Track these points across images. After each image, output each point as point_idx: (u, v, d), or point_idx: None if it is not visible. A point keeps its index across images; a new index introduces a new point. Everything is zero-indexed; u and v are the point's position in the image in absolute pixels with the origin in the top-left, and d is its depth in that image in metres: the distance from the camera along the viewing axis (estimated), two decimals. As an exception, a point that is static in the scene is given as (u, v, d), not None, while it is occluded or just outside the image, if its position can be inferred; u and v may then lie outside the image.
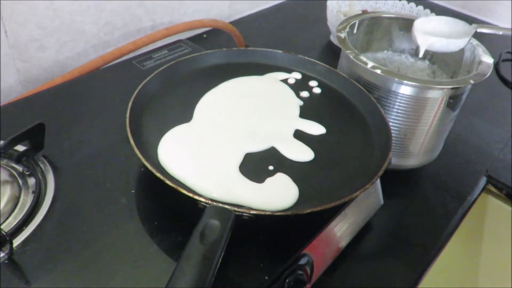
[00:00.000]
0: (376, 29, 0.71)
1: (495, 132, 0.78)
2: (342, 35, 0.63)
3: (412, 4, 0.91)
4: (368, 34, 0.71)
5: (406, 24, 0.70)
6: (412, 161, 0.63)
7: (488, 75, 0.56)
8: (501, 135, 0.77)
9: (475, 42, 0.64)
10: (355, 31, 0.68)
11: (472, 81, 0.55)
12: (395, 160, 0.62)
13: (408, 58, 0.71)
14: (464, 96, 0.59)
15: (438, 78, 0.68)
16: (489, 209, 0.73)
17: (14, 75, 0.70)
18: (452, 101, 0.58)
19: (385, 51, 0.73)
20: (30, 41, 0.70)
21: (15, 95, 0.71)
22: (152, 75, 0.58)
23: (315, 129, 0.56)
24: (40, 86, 0.69)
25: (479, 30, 0.60)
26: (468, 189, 0.66)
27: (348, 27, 0.65)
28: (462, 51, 0.64)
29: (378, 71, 0.56)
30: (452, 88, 0.56)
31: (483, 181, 0.68)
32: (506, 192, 0.69)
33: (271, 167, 0.50)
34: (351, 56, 0.59)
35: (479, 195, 0.67)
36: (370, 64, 0.57)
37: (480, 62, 0.59)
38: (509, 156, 0.73)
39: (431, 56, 0.70)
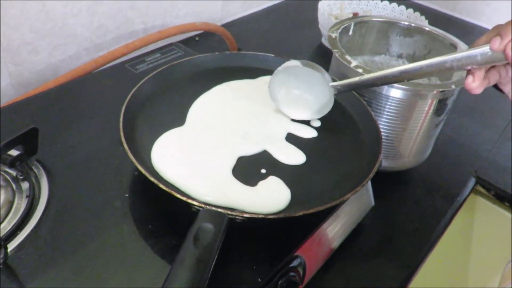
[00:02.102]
0: (371, 33, 0.72)
1: (484, 134, 0.79)
2: (333, 35, 0.64)
3: (402, 7, 0.92)
4: (362, 37, 0.72)
5: (403, 30, 0.71)
6: (402, 163, 0.64)
7: None
8: (490, 137, 0.79)
9: (465, 47, 0.65)
10: (350, 32, 0.69)
11: (453, 86, 0.56)
12: (386, 162, 0.63)
13: (406, 63, 0.72)
14: (452, 99, 0.60)
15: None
16: (478, 209, 0.74)
17: (6, 78, 0.70)
18: (441, 104, 0.59)
19: (383, 55, 0.74)
20: (23, 44, 0.70)
21: (8, 99, 0.70)
22: (145, 79, 0.58)
23: (307, 132, 0.57)
24: (33, 90, 0.69)
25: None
26: (458, 190, 0.67)
27: (341, 28, 0.66)
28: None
29: (360, 70, 0.57)
30: (439, 92, 0.57)
31: (472, 182, 0.69)
32: (495, 193, 0.71)
33: (263, 170, 0.50)
34: (337, 55, 0.59)
35: (468, 195, 0.68)
36: (354, 64, 0.58)
37: None
38: (498, 157, 0.74)
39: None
